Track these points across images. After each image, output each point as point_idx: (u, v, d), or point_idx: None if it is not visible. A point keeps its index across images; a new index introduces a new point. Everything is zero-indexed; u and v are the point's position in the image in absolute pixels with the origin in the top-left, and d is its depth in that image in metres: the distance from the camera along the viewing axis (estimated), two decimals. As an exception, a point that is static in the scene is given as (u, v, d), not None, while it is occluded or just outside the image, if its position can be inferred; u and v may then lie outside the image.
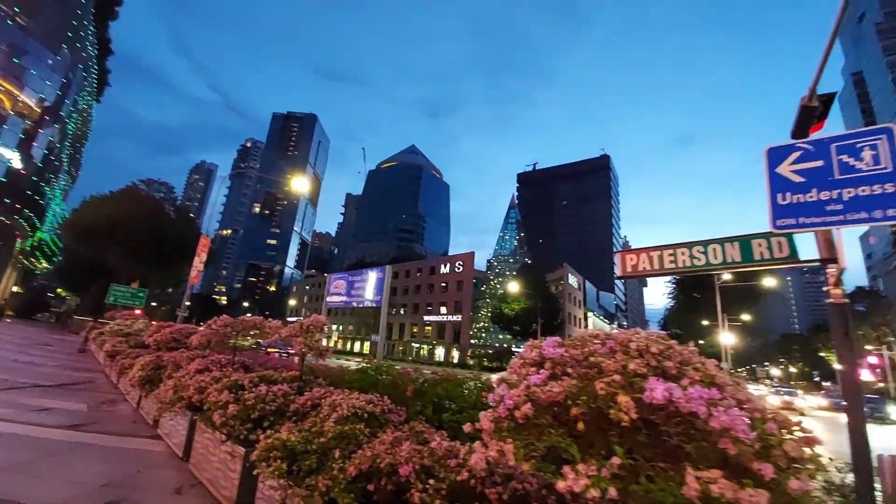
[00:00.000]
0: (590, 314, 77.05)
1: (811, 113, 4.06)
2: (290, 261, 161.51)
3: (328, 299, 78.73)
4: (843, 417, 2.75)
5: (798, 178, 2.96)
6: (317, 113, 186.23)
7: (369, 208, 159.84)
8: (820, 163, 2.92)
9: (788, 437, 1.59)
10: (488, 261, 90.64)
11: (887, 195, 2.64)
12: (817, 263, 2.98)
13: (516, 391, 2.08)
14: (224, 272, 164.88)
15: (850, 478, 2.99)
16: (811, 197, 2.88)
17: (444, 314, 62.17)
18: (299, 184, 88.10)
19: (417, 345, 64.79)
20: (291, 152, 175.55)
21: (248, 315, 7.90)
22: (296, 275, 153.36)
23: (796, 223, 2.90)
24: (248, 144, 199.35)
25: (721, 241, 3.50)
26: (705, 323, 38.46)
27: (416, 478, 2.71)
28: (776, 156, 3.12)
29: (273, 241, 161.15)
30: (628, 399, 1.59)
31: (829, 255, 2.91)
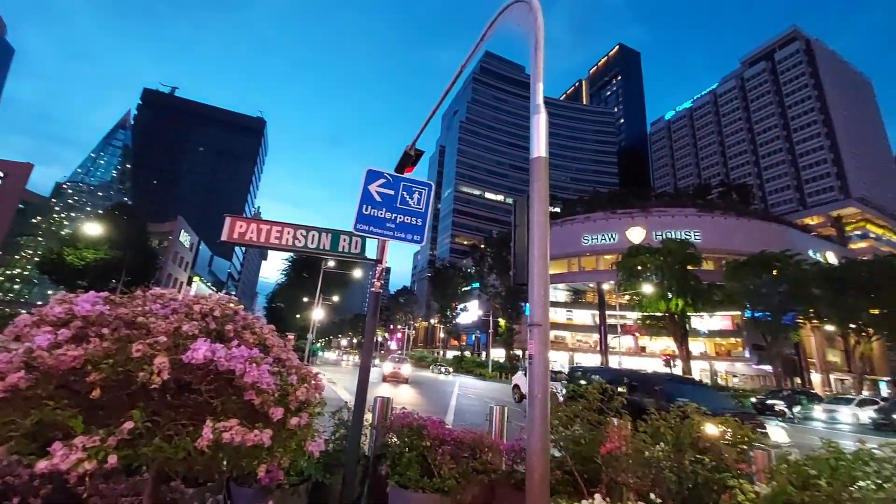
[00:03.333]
0: (196, 279, 69.30)
1: (409, 159, 5.69)
2: None
3: None
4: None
5: (378, 198, 4.02)
6: None
7: None
8: (392, 192, 4.10)
9: (304, 385, 2.05)
10: (59, 184, 63.23)
11: (416, 226, 4.06)
12: (373, 261, 4.13)
13: (4, 356, 1.51)
14: None
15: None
16: (381, 214, 3.98)
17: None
18: None
19: None
20: None
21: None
22: None
23: (368, 229, 3.91)
24: None
25: (319, 230, 4.16)
26: (305, 300, 43.93)
27: None
28: (372, 177, 4.10)
29: None
30: (165, 360, 1.52)
31: (380, 257, 4.11)
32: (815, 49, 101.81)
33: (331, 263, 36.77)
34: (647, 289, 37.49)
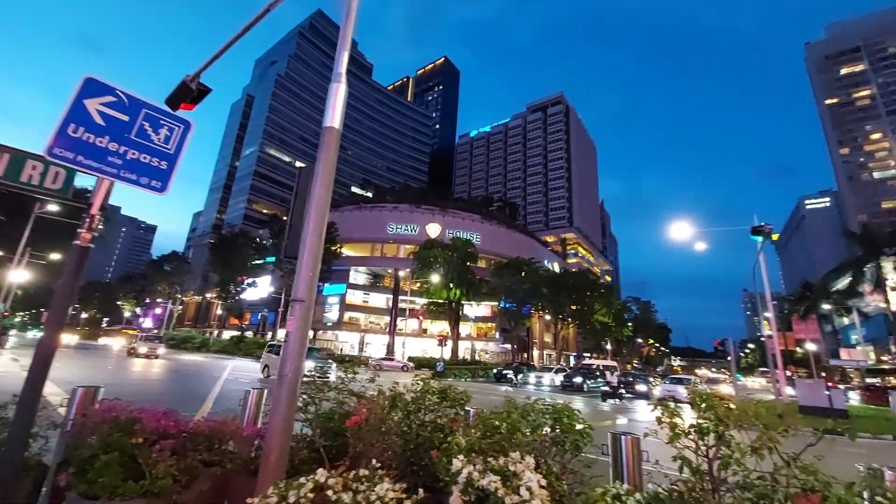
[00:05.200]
0: None
1: (187, 93, 4.46)
2: None
3: None
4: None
5: (99, 120, 2.96)
6: None
7: None
8: (126, 117, 3.10)
9: None
10: None
11: (159, 170, 3.21)
12: (79, 205, 3.02)
13: None
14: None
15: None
16: (101, 142, 2.95)
17: None
18: None
19: None
20: None
21: None
22: None
23: (73, 159, 2.83)
24: None
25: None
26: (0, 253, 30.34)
27: None
28: (94, 88, 2.99)
29: None
30: None
31: (94, 202, 3.05)
32: (571, 113, 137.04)
33: (52, 207, 26.33)
34: (435, 278, 42.44)
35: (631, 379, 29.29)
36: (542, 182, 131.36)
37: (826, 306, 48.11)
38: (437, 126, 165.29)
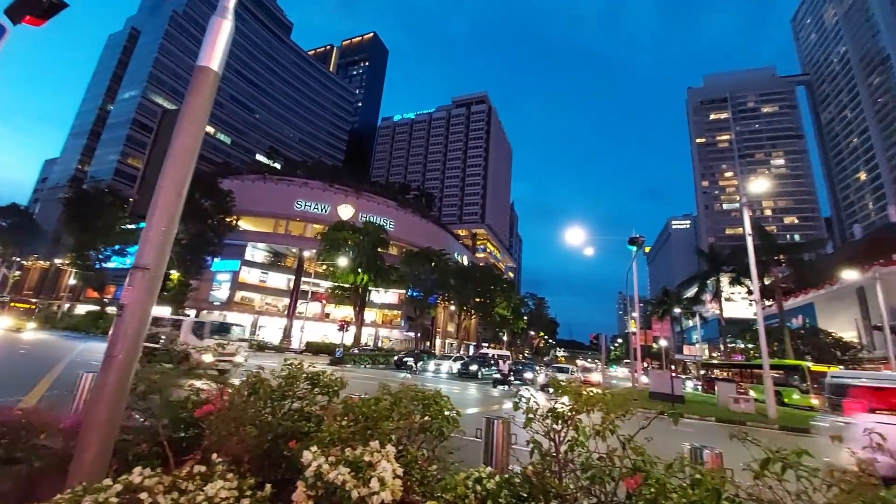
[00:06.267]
0: None
1: (35, 4, 3.62)
2: None
3: None
4: None
5: None
6: None
7: None
8: None
9: None
10: None
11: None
12: None
13: None
14: None
15: None
16: None
17: None
18: None
19: None
20: None
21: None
22: None
23: None
24: None
25: None
26: None
27: None
28: None
29: None
30: None
31: None
32: (493, 113, 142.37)
33: None
34: (343, 262, 40.82)
35: (520, 367, 31.80)
36: (461, 177, 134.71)
37: (678, 310, 57.78)
38: (360, 104, 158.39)
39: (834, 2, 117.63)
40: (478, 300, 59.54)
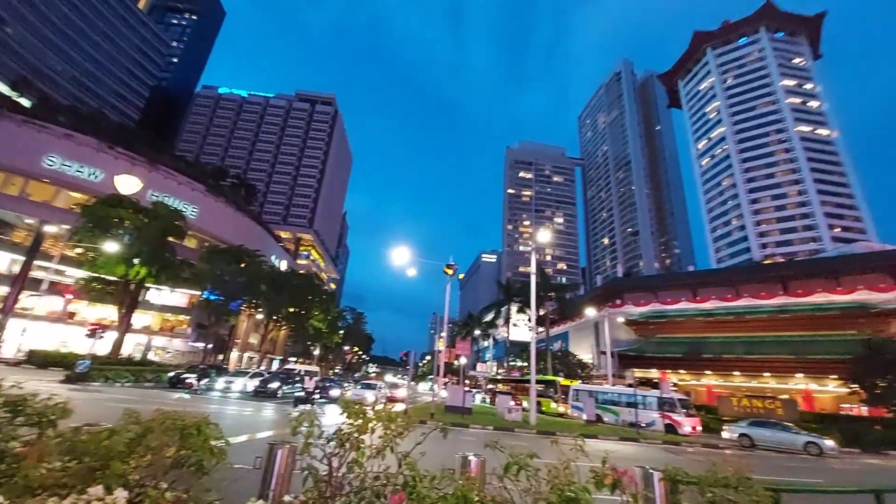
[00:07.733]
0: None
1: None
2: None
3: None
4: None
5: None
6: None
7: None
8: None
9: None
10: None
11: None
12: None
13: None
14: None
15: None
16: None
17: None
18: None
19: None
20: None
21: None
22: None
23: None
24: None
25: None
26: None
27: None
28: None
29: None
30: None
31: None
32: (338, 118, 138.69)
33: None
34: (112, 247, 31.43)
35: (327, 384, 30.48)
36: (293, 175, 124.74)
37: (478, 332, 66.58)
38: (176, 60, 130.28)
39: (604, 111, 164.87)
40: (292, 310, 54.81)
